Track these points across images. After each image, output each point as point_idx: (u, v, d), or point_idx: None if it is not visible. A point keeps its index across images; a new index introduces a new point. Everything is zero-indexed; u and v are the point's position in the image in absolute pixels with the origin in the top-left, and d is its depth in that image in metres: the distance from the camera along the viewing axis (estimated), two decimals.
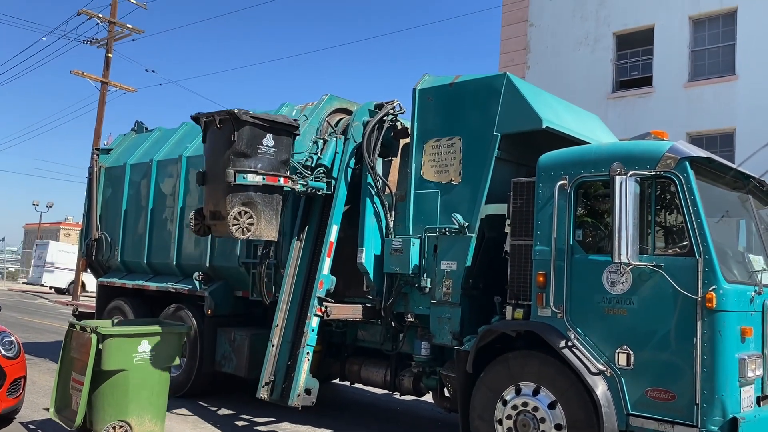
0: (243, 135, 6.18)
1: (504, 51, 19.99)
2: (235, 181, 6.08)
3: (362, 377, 7.66)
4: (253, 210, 6.24)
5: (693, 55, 16.76)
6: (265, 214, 6.38)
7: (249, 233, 6.21)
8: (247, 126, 6.20)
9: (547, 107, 6.33)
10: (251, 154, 6.22)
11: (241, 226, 6.14)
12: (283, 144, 6.49)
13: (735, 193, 5.72)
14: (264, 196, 6.37)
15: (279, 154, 6.45)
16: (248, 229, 6.19)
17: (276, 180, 6.41)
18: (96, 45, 26.36)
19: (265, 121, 6.32)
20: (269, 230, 6.43)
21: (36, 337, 14.32)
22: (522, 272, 5.72)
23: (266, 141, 6.30)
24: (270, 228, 6.44)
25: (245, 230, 6.16)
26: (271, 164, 6.38)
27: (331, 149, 7.38)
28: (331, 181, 7.23)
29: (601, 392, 4.97)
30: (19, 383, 6.86)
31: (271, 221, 6.44)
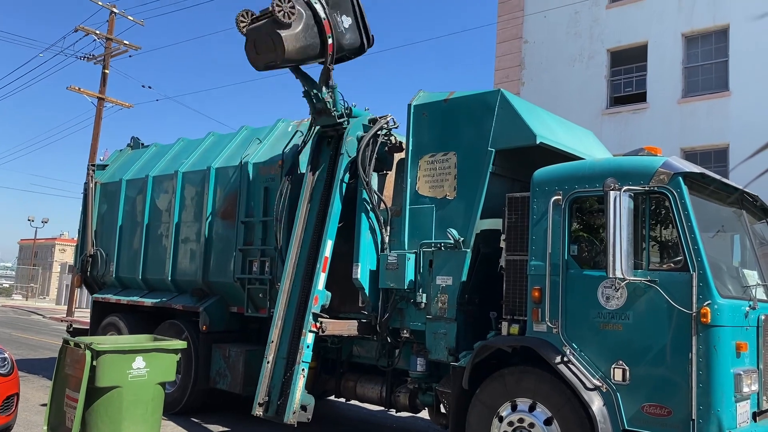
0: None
1: (499, 67, 20.14)
2: None
3: (358, 394, 7.62)
4: (298, 12, 6.59)
5: (686, 71, 16.90)
6: (304, 32, 6.67)
7: (292, 18, 6.51)
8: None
9: (541, 123, 6.36)
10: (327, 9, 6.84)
11: (285, 10, 6.45)
12: (350, 37, 7.17)
13: (729, 208, 5.75)
14: (314, 28, 6.75)
15: (341, 37, 7.04)
16: (291, 14, 6.51)
17: (328, 31, 6.86)
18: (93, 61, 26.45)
19: (357, 10, 7.11)
20: (296, 43, 6.66)
21: (30, 354, 14.22)
22: (517, 287, 5.72)
23: (344, 19, 6.99)
24: (297, 44, 6.68)
25: (288, 15, 6.48)
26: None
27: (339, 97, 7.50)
28: (345, 119, 7.45)
29: (597, 408, 4.95)
30: (12, 400, 6.80)
31: (300, 40, 6.70)
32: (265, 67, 7.04)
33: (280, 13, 6.40)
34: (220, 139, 9.66)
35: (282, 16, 6.41)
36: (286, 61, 6.87)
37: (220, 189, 8.72)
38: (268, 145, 8.50)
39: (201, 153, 9.48)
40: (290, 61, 6.88)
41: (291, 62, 6.96)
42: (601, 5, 18.35)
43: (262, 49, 6.84)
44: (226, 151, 9.03)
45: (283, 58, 6.75)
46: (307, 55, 6.90)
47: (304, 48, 6.77)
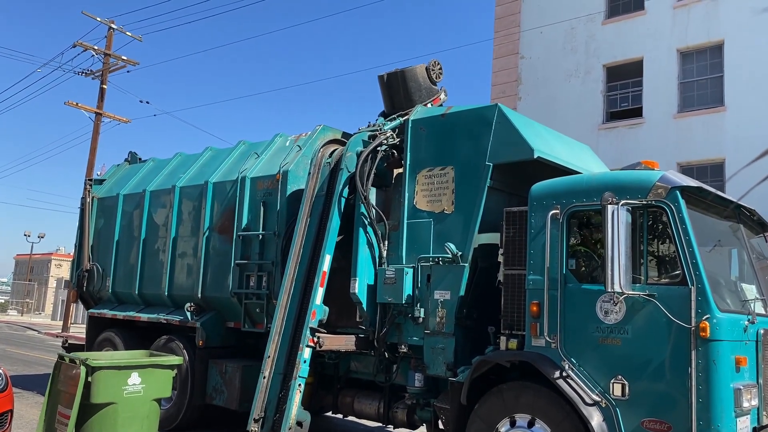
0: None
1: (495, 83, 20.25)
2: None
3: (355, 409, 7.56)
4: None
5: (681, 86, 17.02)
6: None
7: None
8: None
9: (538, 138, 6.38)
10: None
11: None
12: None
13: (726, 222, 5.75)
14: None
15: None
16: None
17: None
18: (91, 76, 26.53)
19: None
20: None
21: (24, 370, 14.11)
22: (515, 302, 5.70)
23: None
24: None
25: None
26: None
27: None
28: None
29: (597, 423, 4.91)
30: (6, 417, 6.73)
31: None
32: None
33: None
34: (217, 153, 9.67)
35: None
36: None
37: (218, 203, 8.71)
38: (265, 160, 8.50)
39: (198, 168, 9.48)
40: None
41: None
42: (596, 21, 18.51)
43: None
44: (223, 166, 9.03)
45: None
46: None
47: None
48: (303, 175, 7.80)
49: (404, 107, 7.62)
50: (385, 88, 7.92)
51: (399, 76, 7.74)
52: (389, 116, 7.67)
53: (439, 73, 7.73)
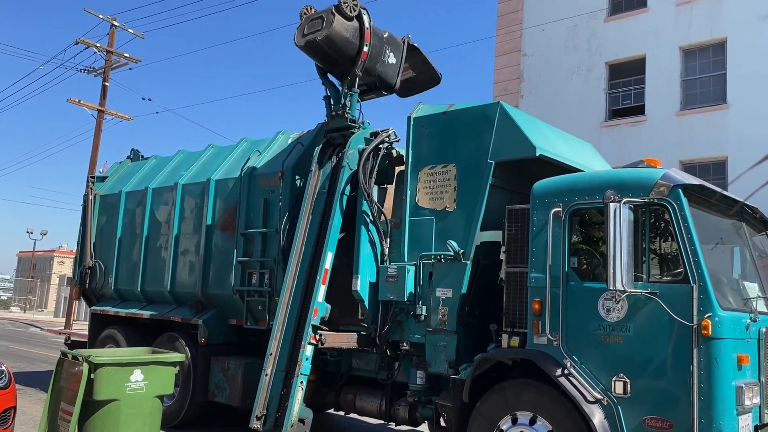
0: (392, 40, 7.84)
1: (498, 80, 20.23)
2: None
3: (357, 407, 7.57)
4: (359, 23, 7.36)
5: (684, 84, 16.98)
6: (353, 26, 7.32)
7: (353, 14, 7.25)
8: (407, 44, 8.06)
9: (540, 135, 6.38)
10: (379, 46, 7.59)
11: (349, 4, 7.21)
12: (391, 70, 7.96)
13: (728, 220, 5.75)
14: (356, 28, 7.35)
15: (387, 66, 7.83)
16: (353, 9, 7.24)
17: (368, 39, 7.42)
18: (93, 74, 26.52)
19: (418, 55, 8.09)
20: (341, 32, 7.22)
21: (27, 367, 14.15)
22: (517, 300, 5.71)
23: (390, 54, 7.72)
24: (344, 35, 7.25)
25: (351, 8, 7.22)
26: (376, 56, 7.65)
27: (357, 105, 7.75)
28: (357, 124, 7.67)
29: (598, 421, 4.92)
30: (9, 414, 6.75)
31: (346, 33, 7.27)
32: (305, 42, 7.35)
33: (345, 5, 7.12)
34: (219, 151, 9.67)
35: (346, 9, 7.15)
36: (326, 40, 7.21)
37: (220, 201, 8.72)
38: (267, 157, 8.51)
39: (201, 165, 9.49)
40: (330, 42, 7.24)
41: (329, 44, 7.27)
42: (599, 19, 18.47)
43: (311, 27, 7.33)
44: (225, 163, 9.04)
45: (325, 36, 7.17)
46: (344, 49, 7.33)
47: (346, 40, 7.30)
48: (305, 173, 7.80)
49: (345, 63, 7.56)
50: (314, 54, 7.58)
51: (323, 42, 7.29)
52: (325, 74, 7.79)
53: (353, 6, 7.37)
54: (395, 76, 7.95)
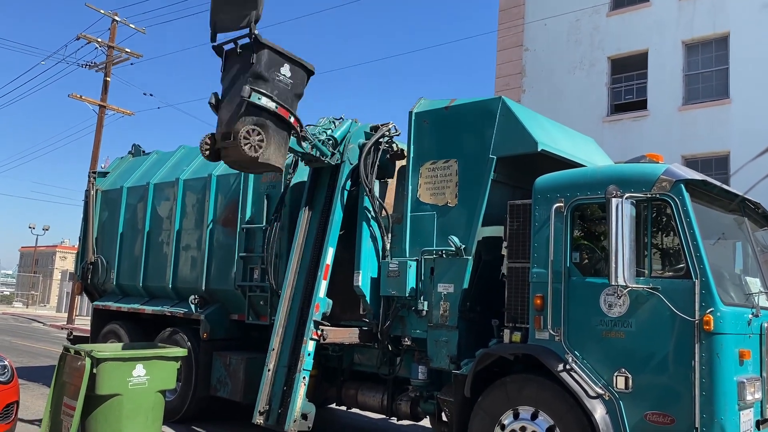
0: (262, 57, 6.15)
1: (499, 75, 20.18)
2: (249, 98, 5.97)
3: (359, 402, 7.59)
4: (264, 131, 6.13)
5: (686, 79, 16.94)
6: (275, 140, 6.25)
7: (260, 151, 6.06)
8: (267, 50, 6.18)
9: (542, 130, 6.37)
10: (268, 78, 6.19)
11: (252, 144, 6.04)
12: (298, 78, 6.48)
13: (731, 216, 5.74)
14: (276, 123, 6.26)
15: (294, 87, 6.44)
16: (259, 146, 6.06)
17: (287, 115, 6.31)
18: (95, 69, 26.51)
19: (284, 52, 6.38)
20: (278, 157, 6.31)
21: (30, 362, 14.19)
22: (519, 295, 5.70)
23: (284, 70, 6.34)
24: (279, 154, 6.33)
25: (256, 148, 6.04)
26: (285, 94, 6.34)
27: (346, 126, 7.53)
28: (335, 152, 7.29)
29: (600, 416, 4.92)
30: (12, 408, 6.77)
31: (280, 148, 6.33)
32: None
33: (247, 146, 6.03)
34: None
35: (250, 150, 6.06)
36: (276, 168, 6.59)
37: (221, 196, 8.72)
38: None
39: (202, 160, 9.45)
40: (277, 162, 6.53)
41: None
42: (601, 13, 18.41)
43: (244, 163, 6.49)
44: None
45: (279, 168, 6.55)
46: (284, 148, 6.53)
47: (282, 151, 6.46)
48: (306, 168, 7.80)
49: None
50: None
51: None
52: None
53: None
54: (300, 68, 6.73)
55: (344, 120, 7.68)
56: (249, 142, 6.01)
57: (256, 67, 6.12)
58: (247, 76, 6.13)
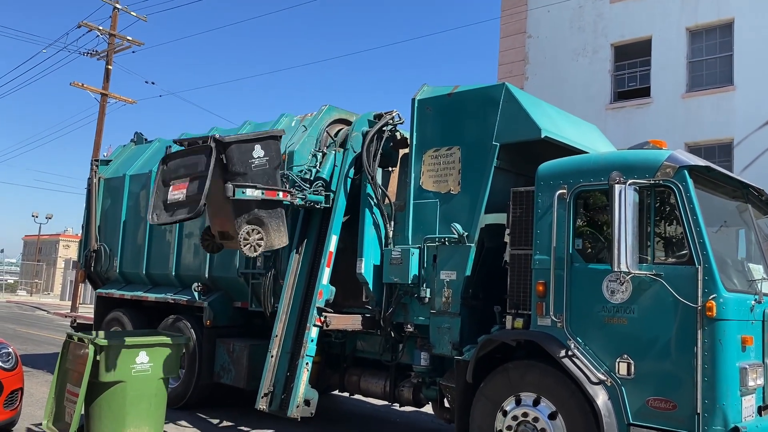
0: (232, 155, 6.08)
1: (503, 62, 20.09)
2: (234, 196, 5.99)
3: (362, 388, 7.62)
4: (260, 225, 6.26)
5: (690, 65, 16.84)
6: (272, 225, 6.39)
7: (260, 249, 6.24)
8: (234, 145, 6.12)
9: (545, 117, 6.34)
10: (245, 170, 6.13)
11: (251, 244, 6.15)
12: (272, 150, 6.42)
13: (734, 203, 5.72)
14: (268, 207, 6.36)
15: (272, 161, 6.39)
16: (259, 245, 6.20)
17: (275, 195, 6.36)
18: (96, 57, 26.46)
19: (249, 137, 6.29)
20: (279, 238, 6.48)
21: (34, 349, 14.27)
22: (522, 282, 5.71)
23: (256, 152, 6.25)
24: (280, 236, 6.49)
25: (256, 247, 6.18)
26: (266, 173, 6.30)
27: (330, 162, 7.36)
28: (329, 194, 7.21)
29: (602, 402, 4.94)
30: (17, 395, 6.82)
31: (279, 229, 6.47)
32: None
33: (247, 247, 6.14)
34: (223, 134, 9.63)
35: (250, 250, 6.19)
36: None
37: None
38: None
39: None
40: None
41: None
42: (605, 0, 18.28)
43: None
44: None
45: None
46: (283, 225, 6.58)
47: (282, 229, 6.54)
48: (308, 156, 7.78)
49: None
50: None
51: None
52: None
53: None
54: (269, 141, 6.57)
55: (327, 154, 7.45)
56: (249, 242, 6.14)
57: (231, 167, 6.06)
58: (225, 177, 6.04)
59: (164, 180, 6.13)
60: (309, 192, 7.06)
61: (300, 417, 6.67)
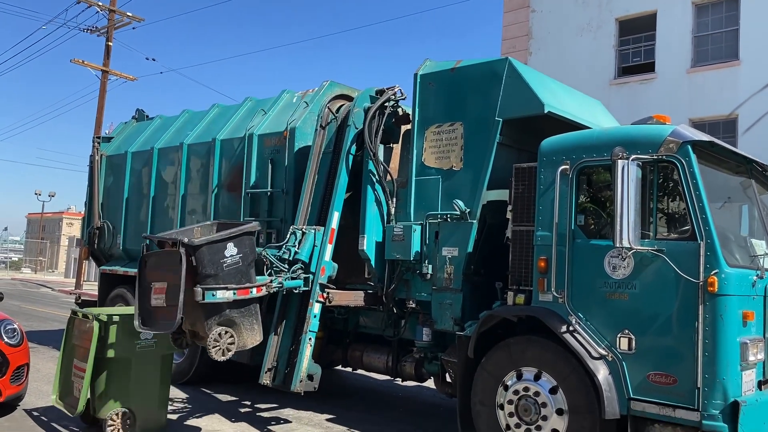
0: (203, 257, 5.55)
1: (506, 37, 19.88)
2: (204, 300, 5.47)
3: (364, 363, 7.69)
4: (232, 327, 5.72)
5: (696, 40, 16.65)
6: (245, 325, 5.85)
7: (230, 352, 5.67)
8: (204, 247, 5.59)
9: (549, 92, 6.29)
10: (216, 272, 5.60)
11: (221, 348, 5.61)
12: (246, 246, 5.87)
13: (737, 178, 5.70)
14: (241, 306, 5.81)
15: (245, 257, 5.84)
16: (229, 349, 5.65)
17: (248, 293, 5.81)
18: (96, 33, 26.27)
19: (221, 237, 5.77)
20: (252, 337, 5.91)
21: (39, 326, 14.40)
22: (523, 258, 5.72)
23: (228, 251, 5.72)
24: (253, 335, 5.91)
25: (225, 351, 5.62)
26: (239, 272, 5.75)
27: (309, 242, 6.83)
28: (309, 276, 6.74)
29: (603, 377, 4.97)
30: (23, 370, 6.90)
31: (252, 328, 5.90)
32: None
33: (215, 350, 5.56)
34: (224, 110, 9.61)
35: (218, 354, 5.59)
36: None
37: (226, 161, 8.70)
38: (272, 117, 8.44)
39: (206, 125, 9.44)
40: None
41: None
42: None
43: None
44: (230, 123, 8.99)
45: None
46: (257, 323, 6.02)
47: (256, 327, 5.96)
48: (310, 132, 7.76)
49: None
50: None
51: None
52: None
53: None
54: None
55: (306, 234, 6.85)
56: (219, 346, 5.59)
57: (201, 269, 5.54)
58: (194, 280, 5.55)
59: (145, 282, 5.75)
60: (286, 277, 6.54)
61: (303, 391, 6.73)
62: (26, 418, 6.74)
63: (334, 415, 7.47)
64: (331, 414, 7.52)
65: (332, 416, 7.44)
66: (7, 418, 6.69)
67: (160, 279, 5.65)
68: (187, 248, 5.47)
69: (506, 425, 5.44)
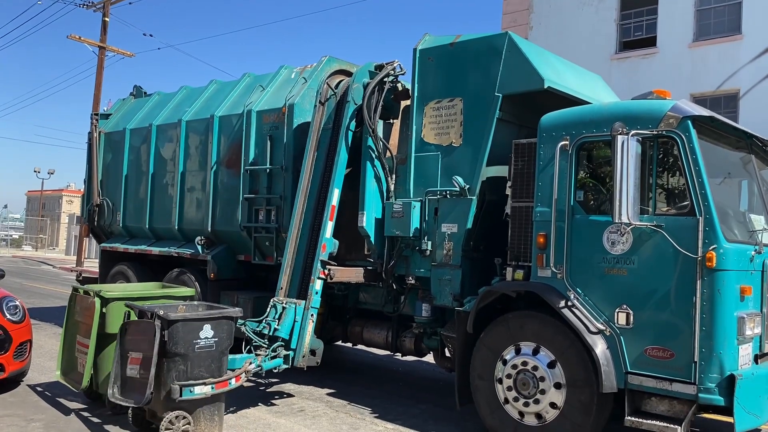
0: (176, 333, 5.29)
1: (506, 11, 19.67)
2: (181, 397, 5.21)
3: (364, 339, 7.76)
4: (190, 412, 5.36)
5: (698, 14, 16.47)
6: (205, 414, 5.45)
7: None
8: (179, 323, 5.34)
9: (549, 67, 6.25)
10: (187, 351, 5.33)
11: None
12: (224, 330, 5.58)
13: (738, 153, 5.69)
14: (212, 397, 5.50)
15: (220, 343, 5.53)
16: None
17: (226, 385, 5.54)
18: (93, 8, 25.99)
19: (201, 316, 5.54)
20: (210, 428, 5.49)
21: (41, 303, 14.48)
22: (522, 234, 5.73)
23: (204, 333, 5.44)
24: (211, 426, 5.50)
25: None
26: (210, 357, 5.45)
27: (290, 317, 6.60)
28: (289, 353, 6.51)
29: (601, 351, 5.02)
30: (26, 347, 6.95)
31: (213, 419, 5.52)
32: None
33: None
34: (222, 86, 9.55)
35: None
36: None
37: (224, 137, 8.67)
38: (271, 93, 8.40)
39: (204, 101, 9.39)
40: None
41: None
42: None
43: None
44: (229, 99, 8.94)
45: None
46: (219, 416, 5.62)
47: (217, 420, 5.56)
48: (309, 108, 7.72)
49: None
50: None
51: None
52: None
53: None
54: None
55: (287, 309, 6.59)
56: (173, 430, 5.23)
57: (171, 346, 5.24)
58: (163, 359, 5.27)
59: (124, 350, 5.52)
60: (266, 358, 6.27)
61: (306, 366, 6.79)
62: (30, 393, 6.82)
63: (335, 390, 7.54)
64: (332, 389, 7.60)
65: (333, 390, 7.52)
66: (12, 393, 6.76)
67: (137, 349, 5.43)
68: (162, 321, 5.27)
69: (504, 399, 5.50)
